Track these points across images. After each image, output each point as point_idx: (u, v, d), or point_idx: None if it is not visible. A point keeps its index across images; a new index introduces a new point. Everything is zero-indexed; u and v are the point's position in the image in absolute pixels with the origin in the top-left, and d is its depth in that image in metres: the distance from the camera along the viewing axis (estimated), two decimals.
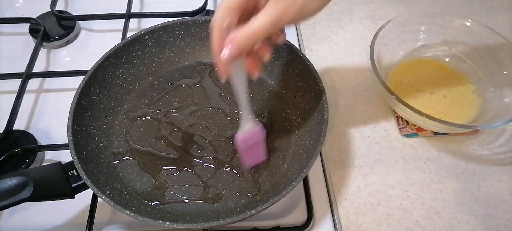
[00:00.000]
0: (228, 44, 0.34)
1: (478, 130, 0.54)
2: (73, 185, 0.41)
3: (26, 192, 0.38)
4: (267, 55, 0.37)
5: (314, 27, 0.67)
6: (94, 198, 0.46)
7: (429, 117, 0.47)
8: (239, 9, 0.34)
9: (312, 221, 0.46)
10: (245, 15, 0.35)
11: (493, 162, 0.52)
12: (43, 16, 0.67)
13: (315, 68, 0.50)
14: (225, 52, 0.34)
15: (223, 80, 0.37)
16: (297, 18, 0.34)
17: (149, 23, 0.67)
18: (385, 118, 0.56)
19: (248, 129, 0.43)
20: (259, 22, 0.33)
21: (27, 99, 0.57)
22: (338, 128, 0.55)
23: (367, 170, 0.51)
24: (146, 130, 0.51)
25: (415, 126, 0.55)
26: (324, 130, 0.44)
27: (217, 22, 0.34)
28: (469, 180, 0.50)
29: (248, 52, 0.35)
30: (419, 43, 0.60)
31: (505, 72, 0.55)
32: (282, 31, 0.37)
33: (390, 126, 0.55)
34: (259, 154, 0.47)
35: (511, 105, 0.51)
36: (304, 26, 0.67)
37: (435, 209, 0.48)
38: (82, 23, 0.69)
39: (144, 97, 0.54)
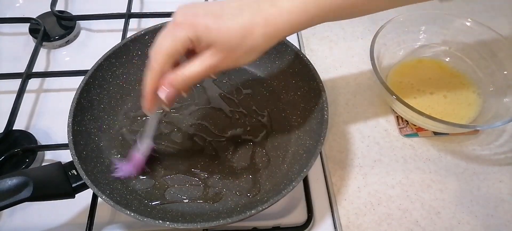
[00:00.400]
0: (166, 86, 0.36)
1: (478, 130, 0.54)
2: (73, 185, 0.41)
3: (26, 192, 0.38)
4: (186, 93, 0.39)
5: (314, 27, 0.67)
6: (94, 198, 0.46)
7: (429, 117, 0.48)
8: (178, 54, 0.36)
9: (312, 221, 0.46)
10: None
11: (493, 162, 0.52)
12: (43, 16, 0.67)
13: (315, 68, 0.50)
14: (164, 93, 0.36)
15: (147, 113, 0.40)
16: (231, 68, 0.37)
17: (149, 23, 0.67)
18: (385, 118, 0.56)
19: (146, 150, 0.46)
20: (195, 69, 0.36)
21: (27, 99, 0.57)
22: (338, 128, 0.55)
23: (367, 170, 0.51)
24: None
25: (415, 126, 0.55)
26: (324, 130, 0.44)
27: (158, 67, 0.36)
28: (469, 180, 0.50)
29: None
30: (419, 43, 0.60)
31: (505, 72, 0.55)
32: (217, 73, 0.39)
33: (390, 126, 0.55)
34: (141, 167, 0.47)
35: (511, 105, 0.51)
36: None
37: (435, 209, 0.48)
38: (82, 23, 0.69)
39: None
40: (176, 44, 0.35)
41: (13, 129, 0.53)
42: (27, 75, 0.57)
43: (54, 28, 0.66)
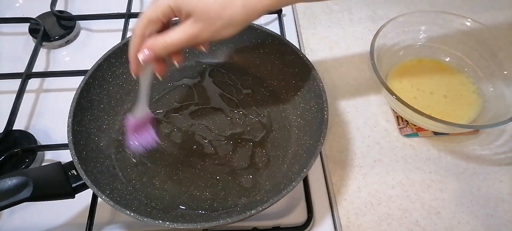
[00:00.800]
0: (145, 49, 0.38)
1: (478, 130, 0.54)
2: (73, 185, 0.41)
3: (26, 192, 0.38)
4: (178, 62, 0.41)
5: (314, 27, 0.67)
6: (94, 198, 0.46)
7: (429, 117, 0.47)
8: (160, 22, 0.38)
9: (312, 221, 0.46)
10: (166, 23, 0.39)
11: (493, 162, 0.52)
12: (43, 16, 0.67)
13: (315, 68, 0.50)
14: (142, 55, 0.38)
15: (134, 77, 0.41)
16: (212, 40, 0.38)
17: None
18: (385, 118, 0.56)
19: (140, 115, 0.46)
20: (175, 37, 0.37)
21: (27, 99, 0.57)
22: (338, 128, 0.55)
23: (367, 170, 0.51)
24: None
25: (415, 126, 0.54)
26: (324, 130, 0.44)
27: (139, 31, 0.38)
28: (469, 180, 0.50)
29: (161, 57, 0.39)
30: (419, 43, 0.60)
31: (505, 72, 0.55)
32: (204, 45, 0.41)
33: (390, 126, 0.55)
34: (147, 140, 0.47)
35: (511, 105, 0.51)
36: (304, 26, 0.67)
37: (435, 209, 0.48)
38: (82, 23, 0.69)
39: None
40: (156, 11, 0.37)
41: (13, 129, 0.53)
42: (27, 75, 0.57)
43: (54, 28, 0.66)
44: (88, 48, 0.66)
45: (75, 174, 0.41)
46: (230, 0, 0.35)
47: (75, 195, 0.42)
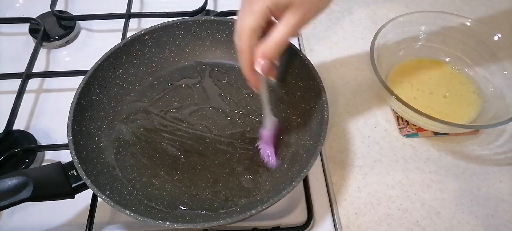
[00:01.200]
0: (260, 59, 0.37)
1: (478, 130, 0.54)
2: (73, 185, 0.41)
3: (26, 192, 0.38)
4: (278, 60, 0.40)
5: (314, 27, 0.67)
6: (94, 198, 0.46)
7: (429, 117, 0.47)
8: (261, 28, 0.37)
9: (312, 221, 0.46)
10: (265, 28, 0.38)
11: (493, 162, 0.52)
12: (43, 16, 0.67)
13: (315, 68, 0.50)
14: (259, 66, 0.37)
15: (256, 91, 0.41)
16: (314, 18, 0.37)
17: (149, 23, 0.67)
18: (385, 118, 0.56)
19: (271, 126, 0.47)
20: (282, 33, 0.36)
21: (27, 99, 0.57)
22: (338, 128, 0.55)
23: (367, 170, 0.51)
24: (146, 130, 0.51)
25: (415, 126, 0.54)
26: (324, 130, 0.44)
27: (246, 45, 0.37)
28: (469, 180, 0.50)
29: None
30: (419, 43, 0.60)
31: (505, 72, 0.55)
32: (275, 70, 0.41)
33: (390, 126, 0.55)
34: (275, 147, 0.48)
35: (511, 105, 0.51)
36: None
37: (435, 209, 0.48)
38: (82, 23, 0.69)
39: (144, 97, 0.54)
40: (256, 18, 0.36)
41: (13, 129, 0.53)
42: (27, 75, 0.58)
43: (54, 28, 0.66)
44: (88, 48, 0.66)
45: (75, 174, 0.41)
46: None
47: (75, 195, 0.42)
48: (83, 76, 0.49)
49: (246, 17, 0.36)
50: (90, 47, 0.66)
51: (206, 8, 0.67)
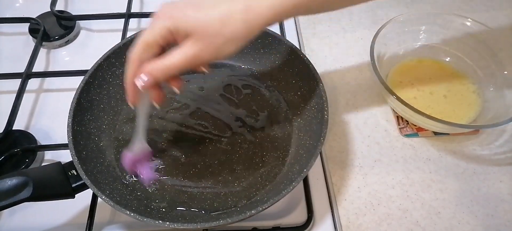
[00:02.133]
0: (144, 74, 0.36)
1: (478, 130, 0.54)
2: (73, 185, 0.41)
3: (26, 192, 0.38)
4: (178, 88, 0.39)
5: (314, 27, 0.67)
6: (94, 198, 0.46)
7: (429, 117, 0.47)
8: (157, 46, 0.35)
9: (312, 221, 0.46)
10: (164, 47, 0.36)
11: (493, 162, 0.52)
12: (43, 16, 0.67)
13: (315, 68, 0.50)
14: (141, 81, 0.36)
15: (132, 107, 0.39)
16: (213, 59, 0.36)
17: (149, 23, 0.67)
18: (385, 118, 0.56)
19: (138, 150, 0.45)
20: (175, 59, 0.35)
21: (27, 99, 0.57)
22: (338, 128, 0.55)
23: (367, 170, 0.51)
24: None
25: (415, 126, 0.55)
26: (324, 130, 0.44)
27: (135, 56, 0.36)
28: (469, 180, 0.50)
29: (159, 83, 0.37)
30: (419, 43, 0.60)
31: (505, 72, 0.55)
32: (205, 66, 0.39)
33: (390, 126, 0.55)
34: (146, 176, 0.46)
35: (511, 105, 0.51)
36: (304, 26, 0.67)
37: (435, 209, 0.48)
38: (82, 23, 0.69)
39: None
40: (154, 34, 0.35)
41: (13, 129, 0.53)
42: (27, 75, 0.57)
43: (54, 28, 0.66)
44: (88, 48, 0.66)
45: (75, 174, 0.41)
46: (230, 16, 0.34)
47: (75, 195, 0.42)
48: (83, 76, 0.49)
49: (147, 31, 0.35)
50: (90, 47, 0.66)
51: None
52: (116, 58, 0.52)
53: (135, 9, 0.70)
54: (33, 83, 0.59)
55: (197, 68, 0.38)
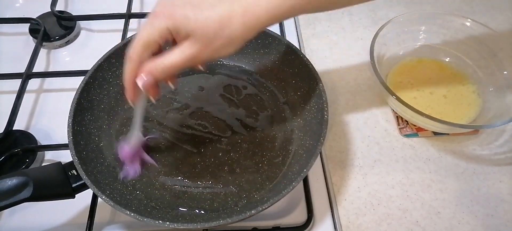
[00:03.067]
0: (144, 74, 0.36)
1: (478, 130, 0.54)
2: (73, 185, 0.41)
3: (26, 192, 0.38)
4: (174, 85, 0.40)
5: (314, 27, 0.67)
6: (94, 198, 0.46)
7: (429, 117, 0.48)
8: (157, 44, 0.36)
9: (312, 221, 0.46)
10: (162, 46, 0.37)
11: (493, 162, 0.52)
12: (43, 16, 0.67)
13: (315, 68, 0.50)
14: (142, 81, 0.36)
15: (131, 105, 0.40)
16: (212, 59, 0.37)
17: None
18: (385, 118, 0.56)
19: (135, 143, 0.45)
20: (175, 59, 0.36)
21: (27, 99, 0.57)
22: (338, 128, 0.55)
23: (367, 170, 0.51)
24: (146, 130, 0.51)
25: (415, 126, 0.55)
26: (324, 130, 0.44)
27: (135, 55, 0.36)
28: (469, 180, 0.50)
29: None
30: (419, 43, 0.60)
31: (505, 72, 0.55)
32: (202, 64, 0.39)
33: (390, 126, 0.55)
34: (141, 166, 0.47)
35: (511, 105, 0.51)
36: (304, 26, 0.67)
37: (435, 209, 0.48)
38: (82, 23, 0.69)
39: None
40: (153, 34, 0.35)
41: (13, 129, 0.53)
42: (27, 76, 0.58)
43: (54, 28, 0.66)
44: (88, 49, 0.66)
45: (75, 174, 0.41)
46: (229, 18, 0.34)
47: (75, 195, 0.42)
48: (83, 76, 0.49)
49: (146, 29, 0.35)
50: (90, 47, 0.66)
51: None
52: (116, 58, 0.52)
53: (135, 9, 0.70)
54: (33, 83, 0.59)
55: (194, 66, 0.39)
